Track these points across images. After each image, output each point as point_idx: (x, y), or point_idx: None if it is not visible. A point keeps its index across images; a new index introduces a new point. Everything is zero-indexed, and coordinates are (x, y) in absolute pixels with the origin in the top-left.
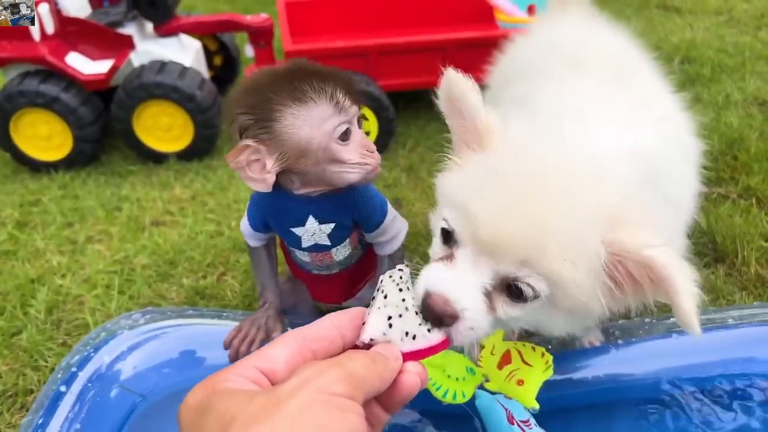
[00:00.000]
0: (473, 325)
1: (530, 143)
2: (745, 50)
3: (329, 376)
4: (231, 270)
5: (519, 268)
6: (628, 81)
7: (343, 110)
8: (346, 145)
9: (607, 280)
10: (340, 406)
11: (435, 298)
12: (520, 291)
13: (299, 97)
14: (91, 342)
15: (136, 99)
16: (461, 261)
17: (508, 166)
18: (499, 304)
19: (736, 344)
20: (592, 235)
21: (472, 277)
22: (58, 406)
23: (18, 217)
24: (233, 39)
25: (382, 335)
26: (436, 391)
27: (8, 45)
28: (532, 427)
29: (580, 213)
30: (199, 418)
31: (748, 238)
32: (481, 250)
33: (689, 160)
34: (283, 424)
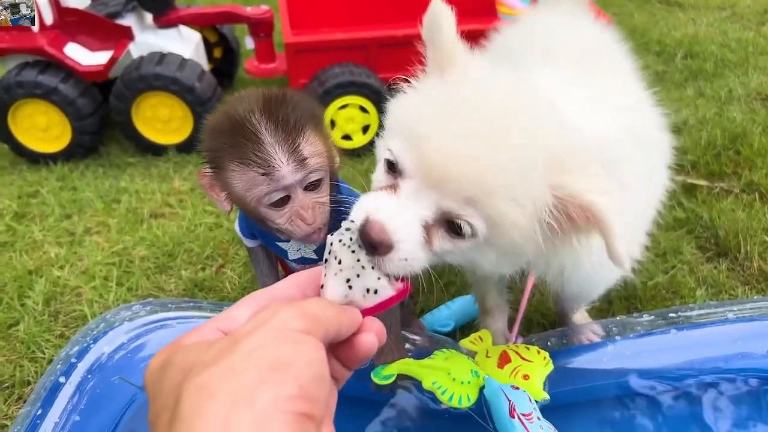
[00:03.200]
0: (407, 257)
1: (492, 78)
2: (748, 46)
3: (285, 313)
4: (230, 262)
5: (462, 206)
6: (596, 72)
7: (280, 179)
8: (278, 210)
9: (550, 221)
10: (297, 339)
11: (373, 224)
12: (459, 228)
13: (241, 157)
14: (90, 333)
15: (135, 90)
16: (405, 192)
17: (466, 98)
18: (436, 238)
19: (736, 339)
20: (539, 178)
21: (414, 209)
22: (57, 397)
23: (16, 209)
24: (233, 31)
25: (344, 298)
26: (441, 395)
27: (7, 35)
28: (533, 421)
29: (531, 155)
30: (159, 375)
31: (750, 233)
32: (426, 183)
33: (652, 153)
34: (238, 361)
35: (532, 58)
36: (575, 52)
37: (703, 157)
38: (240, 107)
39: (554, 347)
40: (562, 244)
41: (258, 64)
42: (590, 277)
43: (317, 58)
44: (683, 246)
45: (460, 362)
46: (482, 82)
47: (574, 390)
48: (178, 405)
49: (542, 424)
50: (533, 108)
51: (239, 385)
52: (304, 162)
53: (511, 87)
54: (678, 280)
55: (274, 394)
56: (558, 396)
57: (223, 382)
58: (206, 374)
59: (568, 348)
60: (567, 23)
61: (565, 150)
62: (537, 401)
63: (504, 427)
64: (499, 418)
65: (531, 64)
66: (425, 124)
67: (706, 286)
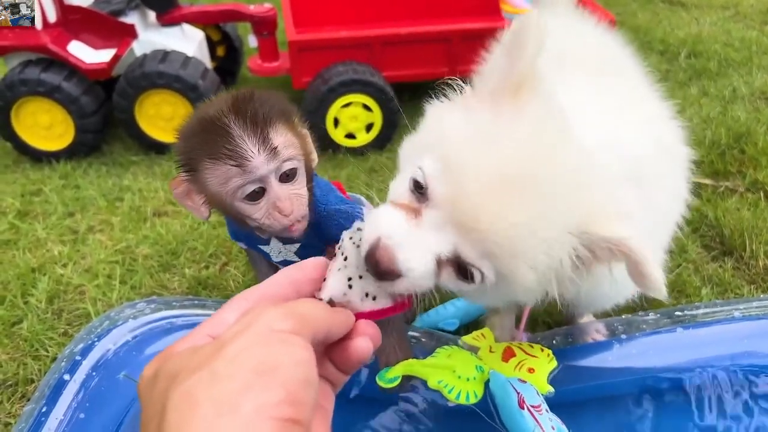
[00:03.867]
0: (415, 286)
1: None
2: (752, 45)
3: (271, 314)
4: (233, 260)
5: (480, 257)
6: (615, 82)
7: (253, 170)
8: (254, 204)
9: (573, 261)
10: (284, 340)
11: (383, 251)
12: (471, 275)
13: (212, 153)
14: (94, 330)
15: (138, 88)
16: (426, 222)
17: (519, 148)
18: (444, 275)
19: (742, 337)
20: (562, 239)
21: (431, 244)
22: (62, 395)
23: (19, 207)
24: (236, 29)
25: (342, 295)
26: (448, 393)
27: (10, 33)
28: (542, 413)
29: (565, 223)
30: (150, 385)
31: (756, 232)
32: (453, 221)
33: (676, 166)
34: (222, 366)
35: (548, 69)
36: (590, 60)
37: (707, 156)
38: (210, 109)
39: (559, 345)
40: (581, 279)
41: (261, 63)
42: (607, 294)
43: (321, 56)
44: (688, 245)
45: (463, 359)
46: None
47: (579, 388)
48: (164, 414)
49: (551, 416)
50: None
51: (223, 391)
52: (275, 151)
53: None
54: (683, 279)
55: (260, 400)
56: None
57: (207, 389)
58: (190, 381)
59: (574, 346)
60: (574, 28)
61: (598, 207)
62: (542, 394)
63: (513, 419)
64: (508, 410)
65: (550, 77)
66: (470, 159)
67: (712, 284)
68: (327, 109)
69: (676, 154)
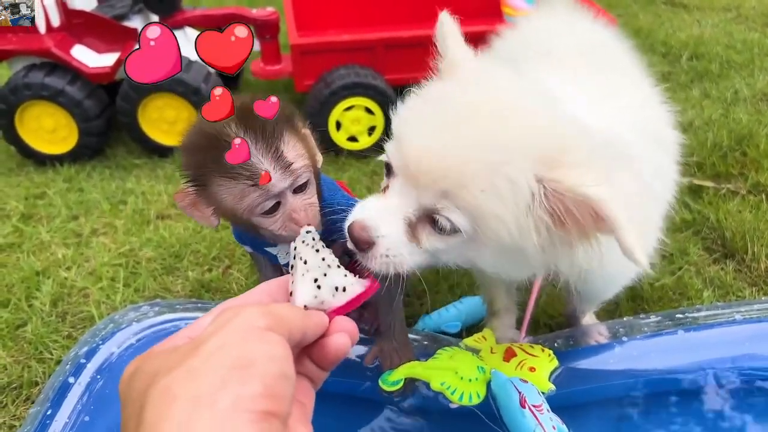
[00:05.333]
0: (389, 252)
1: (481, 76)
2: (754, 47)
3: (249, 312)
4: (236, 263)
5: (439, 199)
6: (600, 72)
7: (272, 187)
8: (271, 217)
9: (544, 216)
10: (260, 336)
11: (355, 224)
12: (439, 223)
13: (227, 171)
14: (99, 333)
15: (141, 92)
16: (392, 191)
17: (445, 96)
18: (423, 235)
19: (743, 340)
20: (521, 170)
21: (396, 206)
22: (66, 398)
23: (23, 210)
24: None
25: (313, 298)
26: (451, 395)
27: (14, 37)
28: (543, 412)
29: (507, 145)
30: (129, 385)
31: (758, 234)
32: (407, 179)
33: (662, 150)
34: (199, 363)
35: (534, 61)
36: (577, 52)
37: (709, 159)
38: (214, 123)
39: (561, 348)
40: (568, 245)
41: (264, 66)
42: (610, 274)
43: (323, 59)
44: (690, 247)
45: (465, 360)
46: (469, 81)
47: (581, 390)
48: (142, 412)
49: (552, 416)
50: (516, 102)
51: (201, 386)
52: (290, 167)
53: (497, 84)
54: (685, 282)
55: (237, 394)
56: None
57: (184, 385)
58: (168, 378)
59: (575, 349)
60: (566, 23)
61: (559, 144)
62: (544, 392)
63: (514, 418)
64: (509, 409)
65: (533, 66)
66: (407, 123)
67: (713, 287)
68: (329, 112)
69: (660, 137)
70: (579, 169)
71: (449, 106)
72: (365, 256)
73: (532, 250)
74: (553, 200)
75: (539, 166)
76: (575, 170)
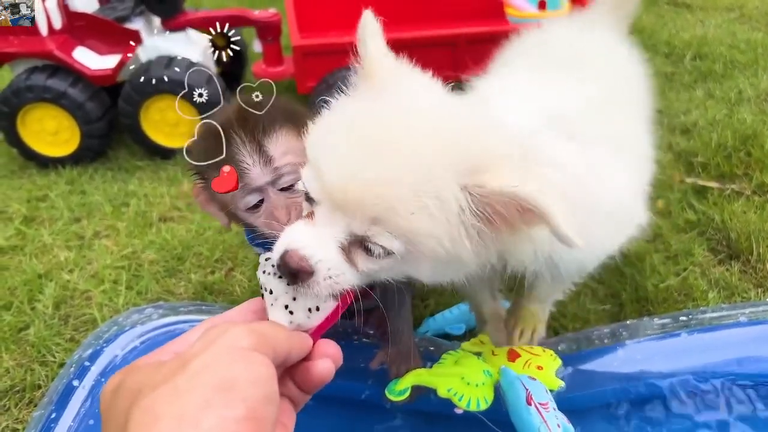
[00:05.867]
0: (332, 274)
1: (395, 90)
2: (758, 47)
3: (234, 331)
4: (239, 265)
5: (369, 226)
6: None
7: (252, 181)
8: (254, 213)
9: (475, 222)
10: (245, 357)
11: (290, 254)
12: (372, 250)
13: (216, 163)
14: (102, 335)
15: (143, 94)
16: (319, 219)
17: (357, 114)
18: (359, 259)
19: (749, 341)
20: (445, 183)
21: (327, 233)
22: (70, 401)
23: (25, 213)
24: (241, 34)
25: (289, 324)
26: (459, 401)
27: (16, 40)
28: (549, 410)
29: (428, 162)
30: (112, 399)
31: (763, 235)
32: (333, 207)
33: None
34: (184, 382)
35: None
36: (568, 59)
37: (713, 159)
38: (219, 118)
39: (565, 352)
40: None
41: (266, 68)
42: (579, 253)
43: (325, 61)
44: (695, 248)
45: (471, 364)
46: (383, 96)
47: (584, 395)
48: (125, 429)
49: (557, 414)
50: (430, 115)
51: (185, 407)
52: (271, 161)
53: (409, 97)
54: (690, 283)
55: (220, 416)
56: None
57: (168, 405)
58: (152, 396)
59: (579, 353)
60: (564, 34)
61: (477, 150)
62: (553, 390)
63: (519, 415)
64: (515, 406)
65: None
66: (322, 146)
67: (719, 288)
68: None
69: (627, 115)
70: (501, 170)
71: (365, 128)
72: (307, 285)
73: (466, 254)
74: (480, 205)
75: (461, 175)
76: (497, 172)
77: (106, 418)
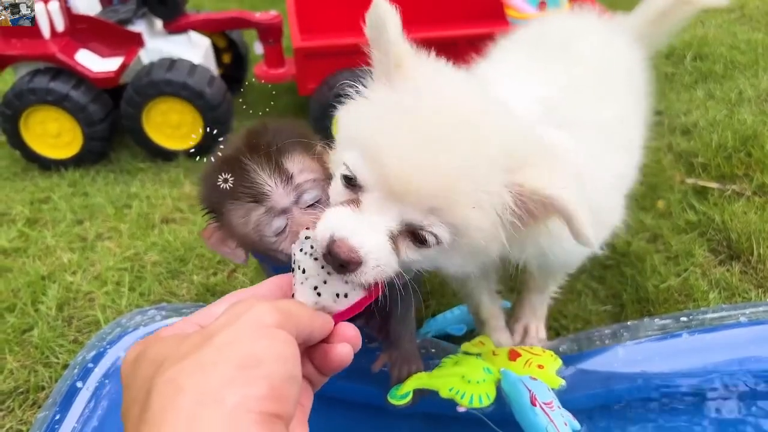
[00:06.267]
0: (379, 264)
1: (440, 83)
2: (758, 47)
3: (260, 308)
4: (241, 267)
5: (426, 216)
6: None
7: (276, 203)
8: (279, 236)
9: (513, 219)
10: (270, 335)
11: (340, 244)
12: (424, 238)
13: (233, 193)
14: (106, 337)
15: (145, 96)
16: (368, 206)
17: (417, 107)
18: (403, 248)
19: (750, 342)
20: (497, 180)
21: (379, 223)
22: (74, 402)
23: (28, 215)
24: (242, 36)
25: (314, 305)
26: (461, 399)
27: (18, 42)
28: (554, 409)
29: (486, 158)
30: (133, 366)
31: (763, 236)
32: (388, 196)
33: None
34: (209, 356)
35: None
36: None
37: (714, 160)
38: (226, 150)
39: (566, 352)
40: (526, 237)
41: (267, 69)
42: (571, 248)
43: (326, 62)
44: (695, 249)
45: (470, 363)
46: (432, 88)
47: (585, 395)
48: (148, 399)
49: (562, 412)
50: (482, 110)
51: (208, 381)
52: (292, 180)
53: (459, 91)
54: (690, 283)
55: (243, 393)
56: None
57: (192, 378)
58: (176, 368)
59: (580, 353)
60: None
61: (518, 148)
62: (554, 388)
63: (526, 416)
64: (521, 408)
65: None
66: (381, 136)
67: (719, 289)
68: (332, 116)
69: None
70: (535, 168)
71: (428, 120)
72: (355, 274)
73: (497, 247)
74: (518, 202)
75: (505, 172)
76: (532, 170)
77: (128, 385)
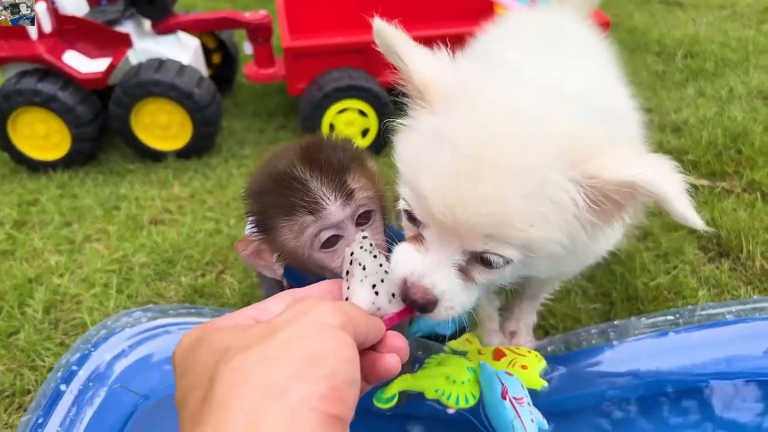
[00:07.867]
0: (452, 305)
1: (475, 101)
2: (749, 44)
3: (324, 308)
4: (230, 268)
5: (485, 242)
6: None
7: (330, 215)
8: (331, 252)
9: (588, 215)
10: (336, 336)
11: (414, 289)
12: (491, 261)
13: (287, 209)
14: (90, 339)
15: (134, 97)
16: (430, 242)
17: (450, 135)
18: (476, 274)
19: (736, 340)
20: (557, 184)
21: (444, 258)
22: (58, 405)
23: (16, 217)
24: (232, 37)
25: (371, 304)
26: (446, 400)
27: (5, 44)
28: (524, 405)
29: (539, 168)
30: (191, 353)
31: (752, 233)
32: (443, 230)
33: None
34: (274, 350)
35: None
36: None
37: (704, 157)
38: (279, 163)
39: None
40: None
41: (257, 69)
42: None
43: (316, 62)
44: (685, 246)
45: (454, 363)
46: (466, 107)
47: (573, 396)
48: (211, 387)
49: (531, 409)
50: (531, 118)
51: (273, 374)
52: (351, 195)
53: (500, 103)
54: (680, 281)
55: (307, 390)
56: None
57: (257, 369)
58: (242, 358)
59: (567, 354)
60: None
61: (580, 139)
62: (537, 389)
63: (494, 409)
64: (491, 400)
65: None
66: (419, 173)
67: (709, 286)
68: (322, 115)
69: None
70: (607, 157)
71: (462, 147)
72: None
73: (582, 247)
74: (593, 196)
75: (569, 168)
76: (604, 158)
77: (182, 371)
